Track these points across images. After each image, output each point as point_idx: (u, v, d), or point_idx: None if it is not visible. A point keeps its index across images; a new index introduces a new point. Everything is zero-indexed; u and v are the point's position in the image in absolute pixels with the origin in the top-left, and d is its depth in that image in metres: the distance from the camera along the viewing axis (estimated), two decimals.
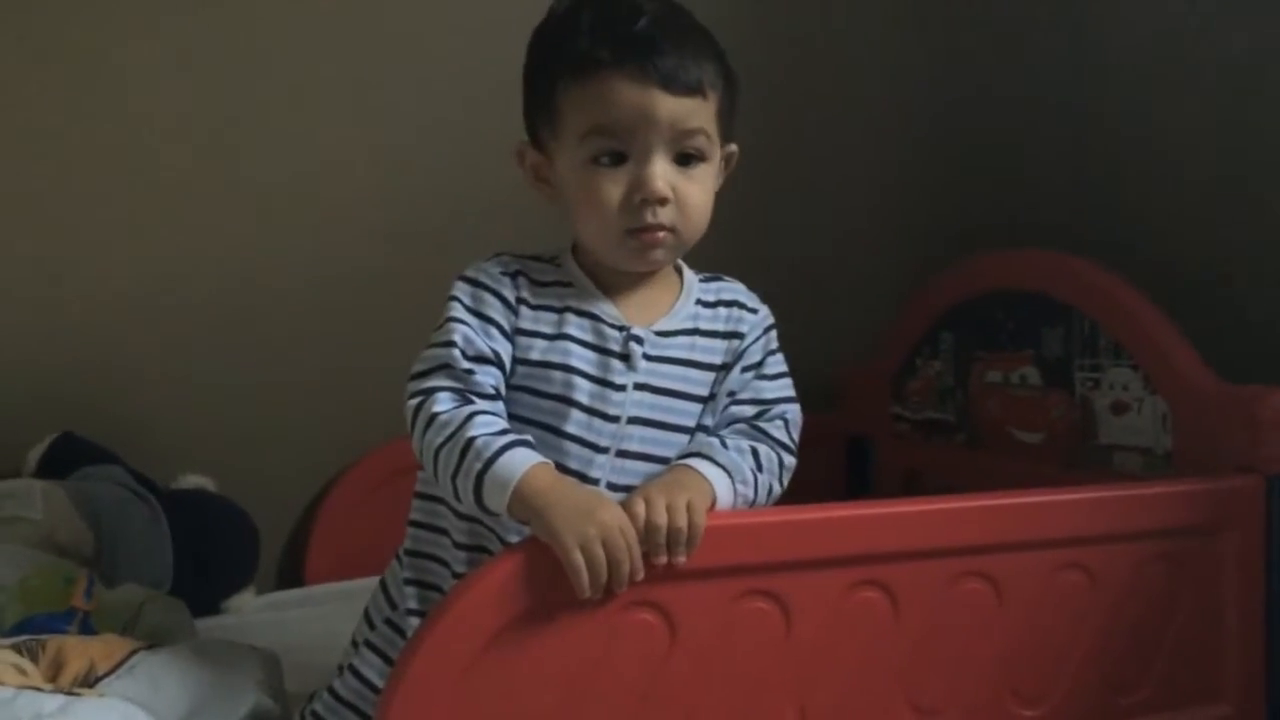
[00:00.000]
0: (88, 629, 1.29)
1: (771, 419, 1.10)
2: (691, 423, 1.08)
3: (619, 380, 1.05)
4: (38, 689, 0.93)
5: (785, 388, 1.13)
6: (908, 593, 1.07)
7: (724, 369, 1.10)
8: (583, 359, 1.04)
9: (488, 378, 1.02)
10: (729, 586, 1.01)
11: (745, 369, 1.10)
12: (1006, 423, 1.56)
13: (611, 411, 1.04)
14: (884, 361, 1.79)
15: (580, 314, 1.06)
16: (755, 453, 1.06)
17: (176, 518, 1.56)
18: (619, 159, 1.01)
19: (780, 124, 1.92)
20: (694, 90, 1.01)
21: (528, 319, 1.05)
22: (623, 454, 1.05)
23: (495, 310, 1.04)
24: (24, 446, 1.58)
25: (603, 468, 1.04)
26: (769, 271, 1.92)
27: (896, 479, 1.76)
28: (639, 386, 1.05)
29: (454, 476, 0.97)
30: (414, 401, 1.01)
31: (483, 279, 1.06)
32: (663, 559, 0.95)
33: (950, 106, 1.97)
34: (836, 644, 1.05)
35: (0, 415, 1.59)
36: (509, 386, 1.04)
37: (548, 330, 1.04)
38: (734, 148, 1.11)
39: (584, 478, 1.03)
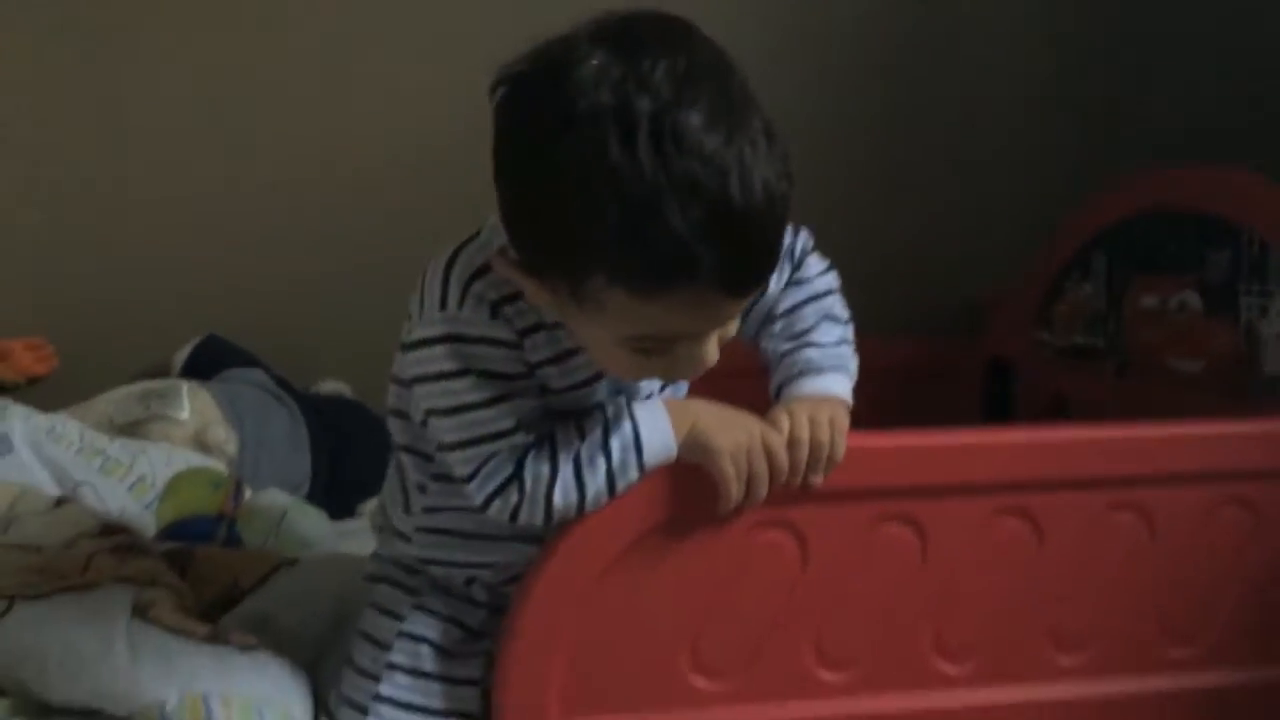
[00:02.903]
0: (233, 535, 1.33)
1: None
2: None
3: None
4: (192, 634, 0.96)
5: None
6: (1053, 523, 1.02)
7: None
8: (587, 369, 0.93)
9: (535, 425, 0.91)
10: (864, 510, 0.98)
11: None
12: (1162, 350, 1.48)
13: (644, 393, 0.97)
14: (1031, 284, 1.71)
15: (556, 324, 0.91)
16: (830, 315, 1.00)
17: (314, 422, 1.59)
18: (659, 348, 0.84)
19: (924, 35, 1.84)
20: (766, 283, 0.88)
21: (529, 347, 0.90)
22: None
23: (509, 361, 0.89)
24: (170, 349, 1.63)
25: None
26: (913, 190, 1.88)
27: (1039, 408, 1.69)
28: None
29: (611, 492, 0.90)
30: (504, 500, 0.90)
31: (481, 332, 0.88)
32: (799, 479, 0.93)
33: (1107, 6, 1.86)
34: (975, 573, 1.01)
35: (147, 318, 1.64)
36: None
37: (547, 354, 0.91)
38: None
39: None
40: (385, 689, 0.96)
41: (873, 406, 1.00)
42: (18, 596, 0.97)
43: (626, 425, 0.90)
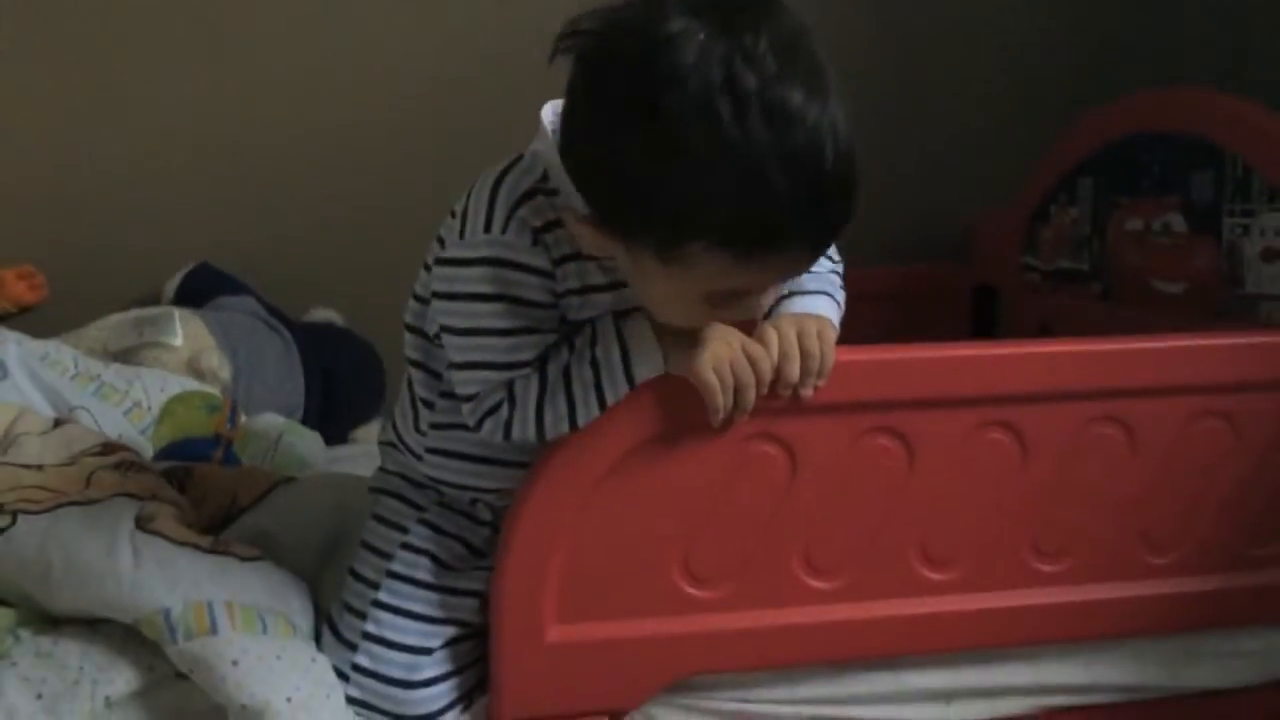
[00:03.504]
0: (230, 456, 1.34)
1: None
2: None
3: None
4: (194, 545, 0.98)
5: None
6: (1036, 435, 1.04)
7: None
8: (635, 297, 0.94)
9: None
10: (853, 422, 1.00)
11: None
12: (1146, 273, 1.50)
13: None
14: (1017, 208, 1.72)
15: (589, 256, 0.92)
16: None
17: (307, 349, 1.61)
18: (729, 299, 0.88)
19: None
20: None
21: (560, 277, 0.92)
22: None
23: (542, 291, 0.91)
24: (161, 277, 1.63)
25: None
26: (902, 119, 1.88)
27: (1025, 331, 1.71)
28: None
29: (601, 407, 0.92)
30: (496, 418, 0.93)
31: (522, 259, 0.89)
32: (790, 391, 0.95)
33: None
34: (960, 484, 1.04)
35: (138, 246, 1.64)
36: None
37: (574, 285, 0.92)
38: None
39: None
40: (384, 596, 0.99)
41: (861, 334, 1.02)
42: (20, 511, 0.98)
43: (614, 342, 0.92)
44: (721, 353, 0.92)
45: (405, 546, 1.01)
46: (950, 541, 1.05)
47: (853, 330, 1.01)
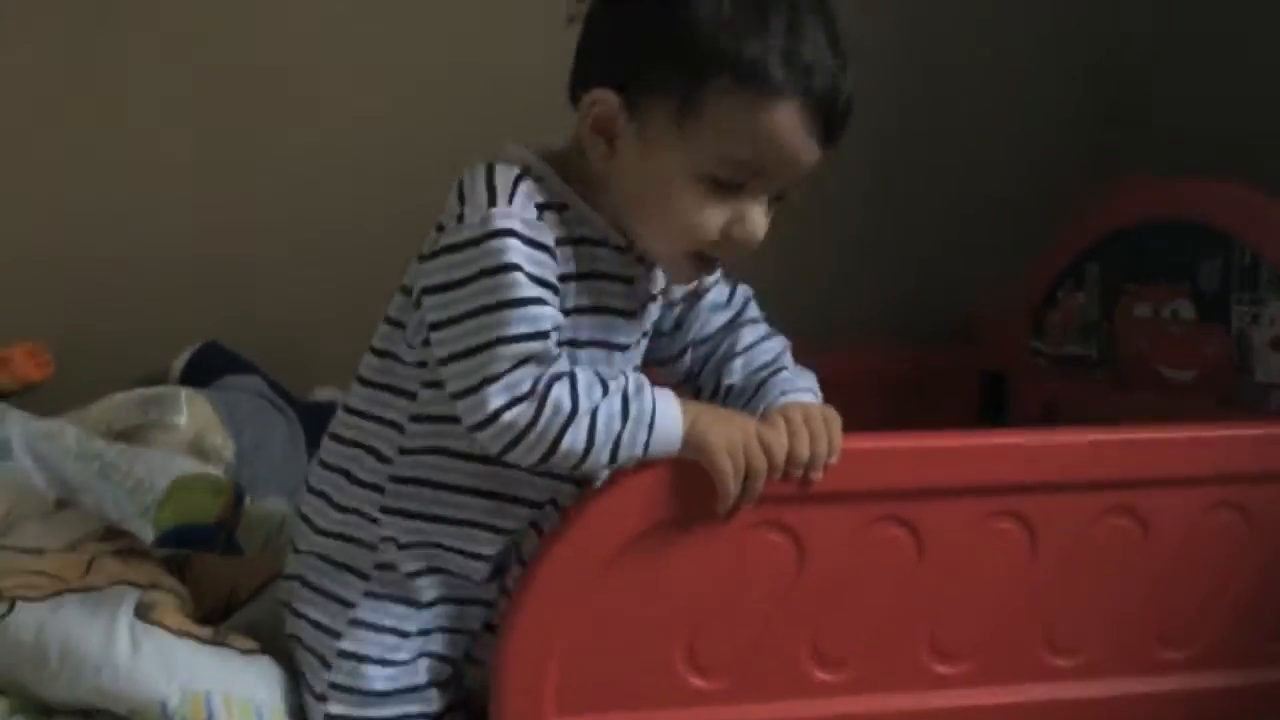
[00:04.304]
0: (233, 543, 1.32)
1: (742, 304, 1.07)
2: None
3: (633, 306, 0.98)
4: (194, 636, 0.96)
5: None
6: (1047, 526, 1.03)
7: None
8: (614, 294, 0.96)
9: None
10: (861, 511, 0.99)
11: None
12: (1154, 360, 1.49)
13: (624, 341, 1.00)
14: (1025, 294, 1.72)
15: (594, 243, 0.94)
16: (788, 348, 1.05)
17: (311, 430, 1.60)
18: (732, 187, 0.90)
19: (919, 52, 1.85)
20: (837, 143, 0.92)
21: (560, 260, 0.92)
22: None
23: (549, 269, 0.90)
24: (168, 355, 1.63)
25: None
26: (910, 202, 1.89)
27: (1033, 416, 1.70)
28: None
29: (612, 459, 0.90)
30: (517, 415, 0.86)
31: (530, 233, 0.88)
32: (800, 472, 0.93)
33: (1101, 23, 1.88)
34: (970, 575, 1.02)
35: (145, 324, 1.65)
36: None
37: (571, 269, 0.92)
38: None
39: None
40: (334, 708, 0.97)
41: (867, 418, 1.01)
42: (19, 598, 0.97)
43: (647, 399, 0.90)
44: (736, 437, 0.91)
45: (343, 654, 0.96)
46: (960, 634, 1.03)
47: (858, 413, 1.00)
